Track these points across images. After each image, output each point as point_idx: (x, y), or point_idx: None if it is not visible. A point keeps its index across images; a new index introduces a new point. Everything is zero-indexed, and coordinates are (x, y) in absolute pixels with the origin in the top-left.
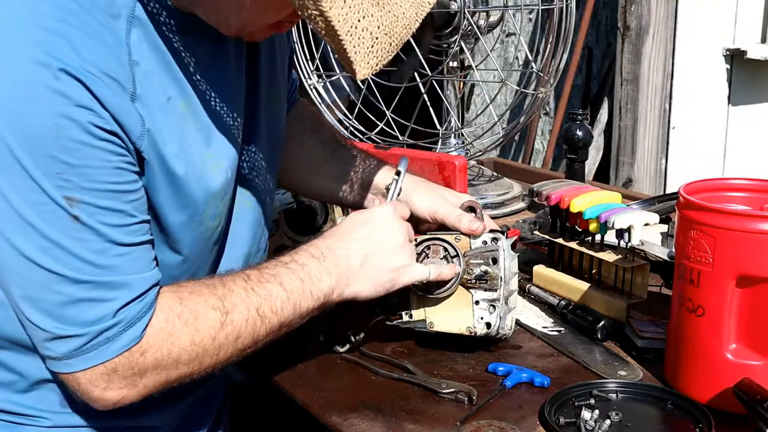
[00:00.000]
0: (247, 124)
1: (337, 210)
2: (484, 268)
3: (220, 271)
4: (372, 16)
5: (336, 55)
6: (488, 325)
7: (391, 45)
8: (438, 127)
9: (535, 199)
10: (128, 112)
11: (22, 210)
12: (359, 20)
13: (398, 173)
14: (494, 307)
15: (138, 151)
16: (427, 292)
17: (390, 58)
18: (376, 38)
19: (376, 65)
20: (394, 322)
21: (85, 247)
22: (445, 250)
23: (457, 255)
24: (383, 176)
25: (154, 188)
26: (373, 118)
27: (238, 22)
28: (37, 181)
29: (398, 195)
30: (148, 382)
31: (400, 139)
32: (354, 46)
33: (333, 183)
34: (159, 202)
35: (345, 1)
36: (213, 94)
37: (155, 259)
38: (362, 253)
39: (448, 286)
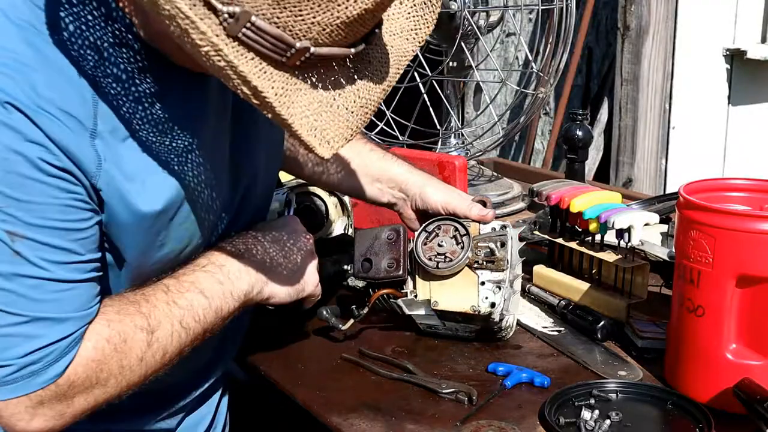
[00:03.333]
0: (236, 143)
1: (336, 210)
2: (491, 245)
3: None
4: (347, 90)
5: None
6: (492, 304)
7: (366, 114)
8: (438, 127)
9: (535, 199)
10: (84, 150)
11: None
12: (335, 98)
13: (288, 194)
14: (499, 287)
15: (95, 189)
16: (435, 267)
17: (366, 123)
18: (352, 112)
19: (351, 136)
20: (399, 300)
21: (23, 282)
22: (456, 229)
23: (467, 234)
24: (401, 170)
25: (115, 223)
26: (373, 118)
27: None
28: None
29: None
30: (76, 410)
31: (400, 139)
32: (320, 132)
33: (347, 175)
34: (120, 234)
35: (318, 85)
36: (185, 122)
37: (99, 293)
38: (276, 256)
39: (456, 261)
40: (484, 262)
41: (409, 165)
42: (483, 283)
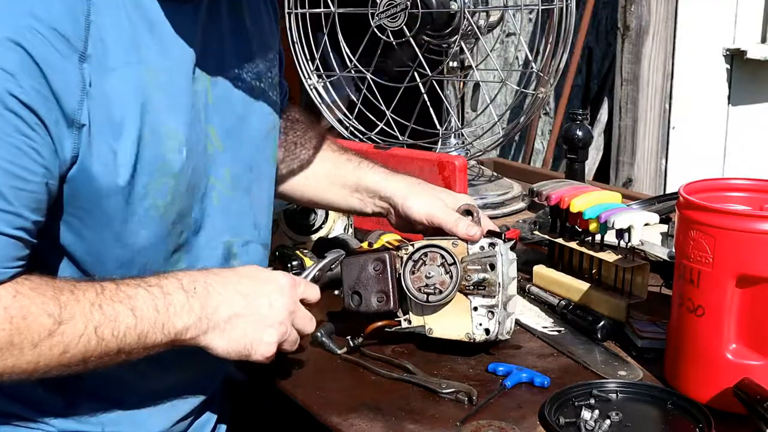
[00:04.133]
0: (226, 96)
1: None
2: (482, 275)
3: (198, 257)
4: None
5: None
6: (487, 331)
7: None
8: (438, 127)
9: (535, 199)
10: (68, 72)
11: None
12: None
13: (323, 257)
14: (493, 313)
15: (71, 119)
16: (425, 300)
17: None
18: None
19: None
20: (393, 329)
21: None
22: (443, 257)
23: (455, 263)
24: (377, 178)
25: (95, 152)
26: (373, 118)
27: None
28: None
29: (312, 277)
30: None
31: (400, 139)
32: None
33: (326, 190)
34: (100, 175)
35: None
36: (185, 64)
37: (21, 259)
38: (235, 309)
39: (445, 293)
40: (475, 288)
41: (386, 170)
42: (476, 309)
